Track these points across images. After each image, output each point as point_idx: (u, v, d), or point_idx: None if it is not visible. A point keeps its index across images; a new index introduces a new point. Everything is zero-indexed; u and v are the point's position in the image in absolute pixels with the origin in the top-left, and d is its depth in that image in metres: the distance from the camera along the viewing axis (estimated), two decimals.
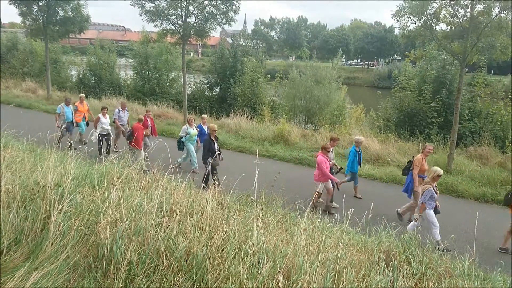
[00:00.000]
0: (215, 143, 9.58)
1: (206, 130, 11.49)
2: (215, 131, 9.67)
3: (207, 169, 8.59)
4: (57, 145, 7.62)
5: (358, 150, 9.79)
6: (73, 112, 12.80)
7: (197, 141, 11.66)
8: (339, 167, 9.67)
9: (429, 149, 8.70)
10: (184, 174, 6.43)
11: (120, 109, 12.94)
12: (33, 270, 3.72)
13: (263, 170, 5.19)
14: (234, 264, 3.78)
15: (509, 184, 10.27)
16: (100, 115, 11.77)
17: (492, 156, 12.66)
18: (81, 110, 13.21)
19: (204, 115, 12.62)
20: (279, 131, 15.04)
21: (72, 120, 12.72)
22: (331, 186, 8.84)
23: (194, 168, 11.15)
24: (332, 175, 9.07)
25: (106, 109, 12.12)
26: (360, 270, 4.22)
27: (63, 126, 11.54)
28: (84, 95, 14.47)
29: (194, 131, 11.27)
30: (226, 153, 12.15)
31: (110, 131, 12.03)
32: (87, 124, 13.56)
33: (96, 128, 11.73)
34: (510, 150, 12.84)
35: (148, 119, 12.05)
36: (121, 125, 12.69)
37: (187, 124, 11.36)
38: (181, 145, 11.30)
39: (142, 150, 10.79)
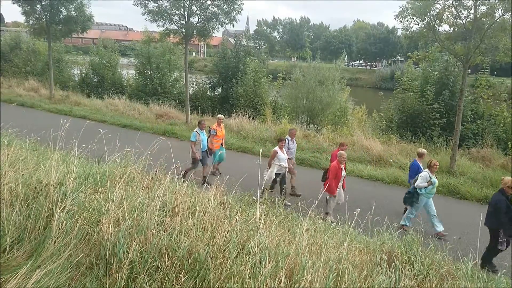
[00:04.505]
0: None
1: (421, 167, 8.59)
2: None
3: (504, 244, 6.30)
4: (183, 179, 6.30)
5: None
6: (206, 138, 10.30)
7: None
8: None
9: None
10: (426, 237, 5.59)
11: (289, 138, 9.96)
12: (35, 268, 3.72)
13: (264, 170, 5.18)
14: (237, 263, 3.77)
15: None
16: (277, 148, 8.90)
17: (495, 158, 12.64)
18: (219, 136, 10.65)
19: (422, 150, 9.12)
20: (281, 131, 15.03)
21: (207, 149, 10.15)
22: None
23: (440, 231, 7.80)
24: None
25: (285, 141, 9.23)
26: (362, 270, 4.21)
27: (201, 157, 9.70)
28: (222, 116, 11.43)
29: (436, 181, 7.96)
30: (228, 153, 12.06)
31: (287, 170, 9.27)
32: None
33: (269, 166, 8.92)
34: None
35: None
36: (289, 159, 9.61)
37: (427, 170, 7.92)
38: (413, 198, 7.94)
39: (337, 196, 8.23)
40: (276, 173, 8.84)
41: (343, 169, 8.23)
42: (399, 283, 4.08)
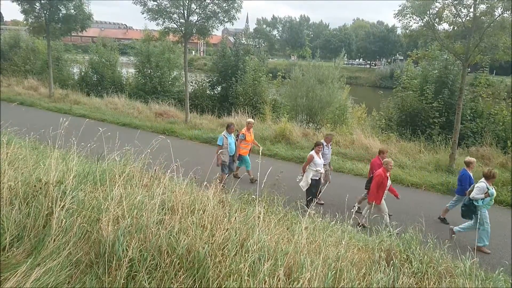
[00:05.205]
0: None
1: (471, 176, 8.15)
2: None
3: None
4: (223, 186, 6.15)
5: None
6: (235, 142, 9.88)
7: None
8: None
9: None
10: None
11: (325, 143, 9.37)
12: (35, 267, 3.73)
13: (265, 169, 5.19)
14: (236, 261, 3.78)
15: (510, 184, 10.26)
16: (313, 153, 8.50)
17: (494, 157, 12.64)
18: (248, 140, 10.25)
19: (471, 159, 8.57)
20: (280, 130, 15.04)
21: (234, 154, 9.81)
22: None
23: (483, 246, 7.22)
24: None
25: (322, 146, 8.73)
26: (361, 268, 4.22)
27: (228, 162, 9.42)
28: (253, 120, 11.21)
29: (494, 192, 7.28)
30: None
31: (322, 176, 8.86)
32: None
33: (304, 171, 8.63)
34: (511, 150, 12.81)
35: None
36: (324, 164, 9.09)
37: (484, 180, 7.23)
38: (470, 210, 7.37)
39: (384, 206, 7.77)
40: (312, 179, 8.50)
41: (389, 177, 7.81)
42: (398, 281, 4.10)
